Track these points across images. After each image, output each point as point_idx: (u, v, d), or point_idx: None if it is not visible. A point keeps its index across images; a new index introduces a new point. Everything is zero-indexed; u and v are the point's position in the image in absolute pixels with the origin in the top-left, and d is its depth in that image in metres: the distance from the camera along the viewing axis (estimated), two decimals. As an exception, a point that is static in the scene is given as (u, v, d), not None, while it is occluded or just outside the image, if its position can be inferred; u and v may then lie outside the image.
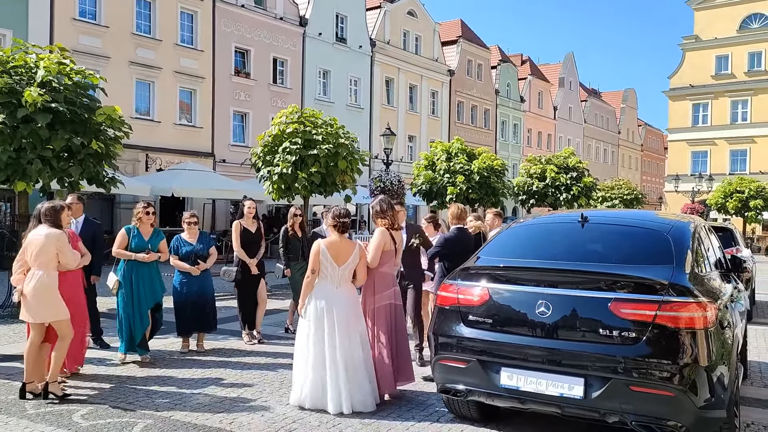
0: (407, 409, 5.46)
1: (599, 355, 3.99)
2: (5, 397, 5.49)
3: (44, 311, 5.45)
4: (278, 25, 28.81)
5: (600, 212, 6.39)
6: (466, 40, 42.04)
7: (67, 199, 7.23)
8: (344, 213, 5.65)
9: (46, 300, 5.44)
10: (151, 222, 7.15)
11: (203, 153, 25.73)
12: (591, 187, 27.55)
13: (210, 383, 6.14)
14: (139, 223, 7.02)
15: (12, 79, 9.01)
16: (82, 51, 20.78)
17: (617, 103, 65.72)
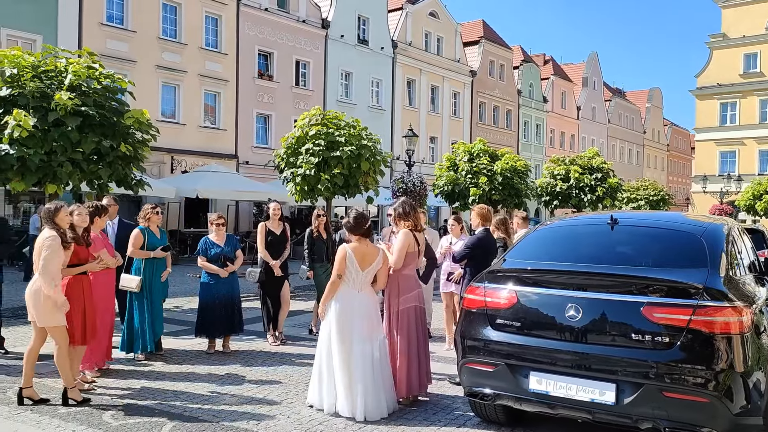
0: (433, 412, 5.44)
1: (631, 360, 3.93)
2: (37, 397, 5.58)
3: (40, 315, 5.36)
4: (301, 28, 28.96)
5: (630, 214, 6.30)
6: (488, 40, 41.83)
7: (103, 200, 7.40)
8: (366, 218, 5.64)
9: (40, 303, 5.32)
10: (158, 222, 7.41)
11: (227, 155, 25.95)
12: (616, 188, 27.17)
13: (236, 384, 6.18)
14: (148, 224, 7.26)
15: (43, 84, 9.18)
16: (109, 55, 21.08)
17: (642, 103, 64.85)
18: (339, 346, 5.26)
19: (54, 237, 5.36)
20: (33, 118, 8.75)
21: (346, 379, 5.19)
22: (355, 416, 5.12)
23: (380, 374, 5.31)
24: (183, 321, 9.35)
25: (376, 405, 5.20)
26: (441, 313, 8.72)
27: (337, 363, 5.24)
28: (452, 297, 8.12)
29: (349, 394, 5.16)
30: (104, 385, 6.01)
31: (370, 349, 5.29)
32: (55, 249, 5.31)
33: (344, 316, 5.31)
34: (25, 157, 8.75)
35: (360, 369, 5.20)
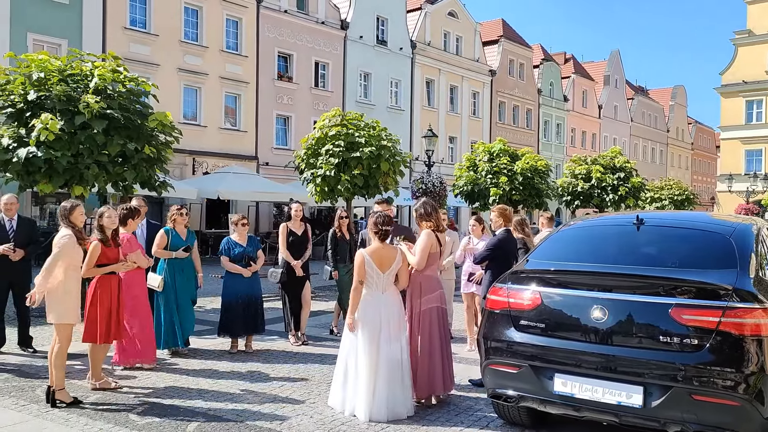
0: (455, 413, 5.43)
1: (659, 363, 3.88)
2: (65, 395, 5.66)
3: (50, 311, 5.44)
4: (320, 29, 29.07)
5: (656, 214, 6.21)
6: (508, 39, 41.61)
7: (133, 202, 7.52)
8: (386, 220, 5.62)
9: (52, 300, 5.42)
10: (185, 223, 7.52)
11: (247, 156, 26.14)
12: (639, 187, 26.83)
13: (259, 383, 6.21)
14: (174, 224, 7.39)
15: (69, 87, 9.32)
16: (132, 59, 21.36)
17: (666, 101, 63.99)
18: (366, 348, 5.24)
19: (69, 236, 5.48)
20: (60, 121, 8.89)
21: (371, 382, 5.18)
22: (379, 418, 5.11)
23: (403, 376, 5.31)
24: (205, 320, 9.44)
25: (401, 405, 5.20)
26: (462, 314, 8.69)
27: (362, 365, 5.23)
28: (473, 298, 8.09)
29: (374, 396, 5.15)
30: (129, 384, 6.09)
31: (398, 348, 5.30)
32: (67, 248, 5.43)
33: (372, 319, 5.30)
34: (53, 160, 8.90)
35: (386, 370, 5.20)
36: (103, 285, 5.85)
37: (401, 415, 5.18)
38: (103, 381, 5.89)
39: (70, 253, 5.45)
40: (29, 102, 9.19)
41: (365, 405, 5.14)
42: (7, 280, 7.34)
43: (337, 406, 5.36)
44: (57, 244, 5.45)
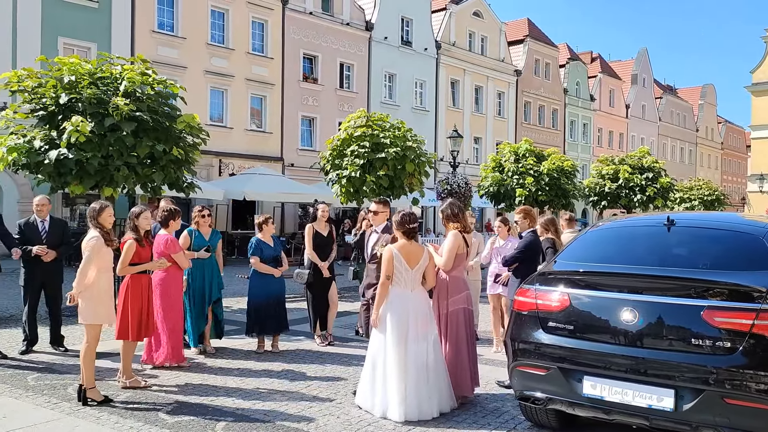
0: (482, 415, 5.40)
1: (691, 366, 3.81)
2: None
3: (81, 311, 5.53)
4: (345, 31, 29.17)
5: (687, 215, 6.11)
6: (534, 39, 41.29)
7: (162, 203, 7.67)
8: (412, 218, 5.60)
9: (82, 300, 5.51)
10: (209, 223, 7.64)
11: (273, 157, 26.34)
12: (668, 187, 26.42)
13: (286, 383, 6.26)
14: (197, 225, 7.52)
15: (99, 90, 9.49)
16: (160, 62, 21.66)
17: (695, 100, 62.86)
18: (395, 347, 5.23)
19: (97, 237, 5.57)
20: (90, 123, 9.06)
21: (402, 381, 5.17)
22: (412, 417, 5.10)
23: (434, 372, 5.29)
24: (232, 321, 9.52)
25: (429, 407, 5.19)
26: (488, 315, 8.64)
27: (391, 364, 5.22)
28: (499, 299, 8.04)
29: (403, 395, 5.14)
30: (158, 383, 6.18)
31: (425, 347, 5.28)
32: (96, 249, 5.52)
33: (400, 317, 5.29)
34: (83, 161, 9.07)
35: (414, 369, 5.19)
36: (135, 284, 6.00)
37: (428, 415, 5.17)
38: (133, 380, 5.98)
39: (99, 255, 5.55)
40: (60, 105, 9.38)
41: (398, 405, 5.12)
42: (40, 280, 7.49)
43: (366, 405, 5.36)
44: (86, 246, 5.56)
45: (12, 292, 7.52)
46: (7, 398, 5.60)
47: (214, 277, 7.51)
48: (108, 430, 4.87)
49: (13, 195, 19.45)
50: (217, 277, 7.59)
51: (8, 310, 10.05)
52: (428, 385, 5.23)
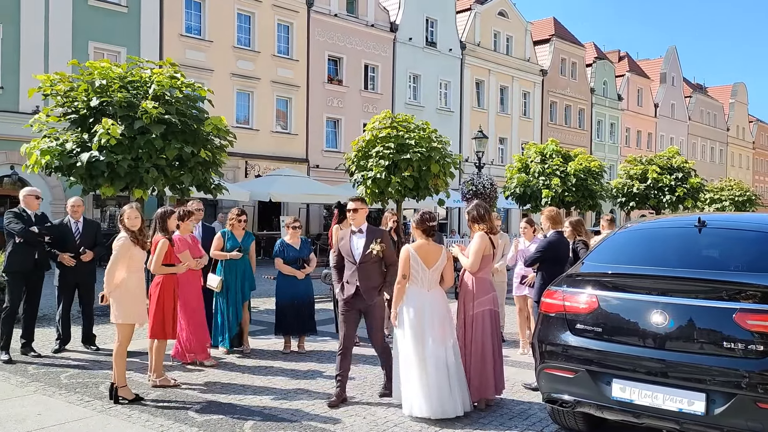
0: (509, 417, 5.37)
1: (723, 369, 3.75)
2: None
3: (115, 311, 5.64)
4: (369, 32, 29.24)
5: (719, 216, 6.00)
6: (560, 38, 40.90)
7: (191, 204, 7.80)
8: (431, 217, 5.63)
9: (114, 300, 5.62)
10: (243, 226, 7.74)
11: (298, 159, 26.51)
12: (698, 188, 25.95)
13: (312, 383, 6.30)
14: (232, 228, 7.64)
15: (129, 93, 9.66)
16: (188, 65, 21.95)
17: (725, 99, 61.62)
18: (413, 346, 5.27)
19: (125, 238, 5.71)
20: (120, 126, 9.23)
21: (422, 378, 5.20)
22: (432, 414, 5.13)
23: (455, 376, 5.30)
24: (259, 321, 9.61)
25: (451, 404, 5.20)
26: (514, 316, 8.59)
27: (412, 362, 5.26)
28: (525, 300, 7.99)
29: (426, 392, 5.17)
30: (188, 381, 6.27)
31: (443, 354, 5.28)
32: (124, 250, 5.63)
33: (417, 315, 5.32)
34: (114, 164, 9.25)
35: (434, 368, 5.21)
36: (166, 284, 6.15)
37: (449, 413, 5.19)
38: (163, 378, 6.09)
39: (127, 255, 5.66)
40: (92, 108, 9.57)
41: (423, 401, 5.17)
42: (74, 281, 7.66)
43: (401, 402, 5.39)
44: (114, 246, 5.69)
45: (45, 292, 7.68)
46: (41, 396, 5.74)
47: (246, 279, 7.63)
48: (139, 428, 4.96)
49: (46, 197, 19.86)
50: (249, 278, 7.70)
51: (42, 310, 10.27)
52: (449, 383, 5.23)
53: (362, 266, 5.62)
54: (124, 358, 5.66)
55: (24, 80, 18.91)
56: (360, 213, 5.80)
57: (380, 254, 5.61)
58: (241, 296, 7.59)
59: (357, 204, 5.86)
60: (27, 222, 7.20)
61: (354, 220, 5.80)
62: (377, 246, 5.59)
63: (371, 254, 5.59)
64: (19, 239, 7.07)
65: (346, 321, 5.76)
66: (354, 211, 5.81)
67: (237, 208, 7.85)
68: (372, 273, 5.66)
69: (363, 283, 5.62)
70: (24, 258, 7.12)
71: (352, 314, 5.75)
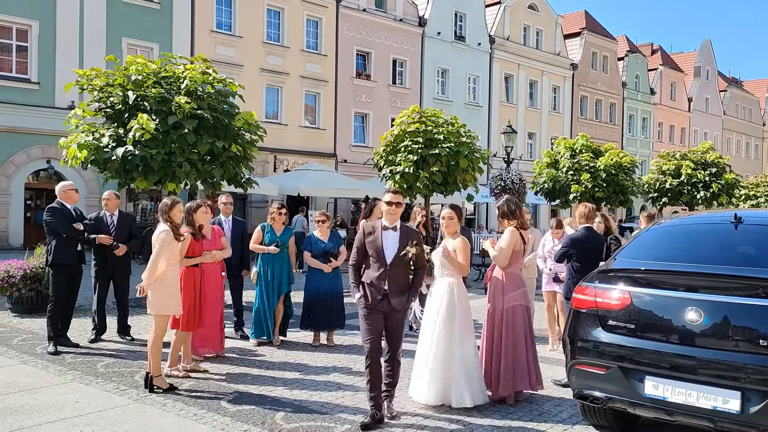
0: (538, 413, 5.36)
1: (759, 368, 3.69)
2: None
3: (151, 302, 5.74)
4: (398, 27, 29.21)
5: (756, 212, 5.87)
6: (591, 31, 40.30)
7: (221, 198, 7.94)
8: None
9: (152, 292, 5.71)
10: (283, 221, 7.79)
11: (326, 154, 26.65)
12: (733, 184, 25.39)
13: (341, 377, 6.36)
14: (272, 221, 7.70)
15: (163, 89, 9.83)
16: (219, 60, 22.21)
17: (762, 93, 60.05)
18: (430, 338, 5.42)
19: (167, 231, 5.78)
20: (154, 121, 9.40)
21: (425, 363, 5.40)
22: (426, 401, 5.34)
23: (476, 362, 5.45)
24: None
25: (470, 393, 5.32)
26: (543, 313, 8.54)
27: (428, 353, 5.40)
28: (555, 296, 7.95)
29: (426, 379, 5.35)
30: (219, 372, 6.38)
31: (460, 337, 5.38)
32: (167, 243, 5.72)
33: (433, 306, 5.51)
34: (148, 158, 9.42)
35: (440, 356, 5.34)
36: (188, 276, 6.26)
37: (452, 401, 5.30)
38: (175, 368, 6.20)
39: (168, 248, 5.76)
40: (127, 103, 9.77)
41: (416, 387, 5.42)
42: (110, 272, 7.84)
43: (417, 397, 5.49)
44: (156, 240, 5.78)
45: (82, 284, 7.87)
46: (78, 384, 5.89)
47: (284, 272, 7.69)
48: (173, 416, 5.07)
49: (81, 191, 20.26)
50: (288, 271, 7.76)
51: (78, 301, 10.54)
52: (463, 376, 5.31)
53: (393, 269, 4.97)
54: (160, 348, 5.78)
55: (60, 76, 19.36)
56: (400, 208, 5.11)
57: (414, 257, 5.05)
58: (278, 290, 7.66)
59: (398, 197, 5.13)
60: (68, 217, 7.39)
61: (393, 215, 5.07)
62: (413, 249, 4.99)
63: (405, 257, 4.99)
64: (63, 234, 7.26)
65: (372, 329, 5.00)
66: (397, 204, 5.08)
67: (278, 202, 7.95)
68: (402, 276, 5.08)
69: (394, 289, 4.97)
70: (68, 252, 7.32)
71: (378, 320, 5.01)
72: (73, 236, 7.33)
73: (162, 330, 5.79)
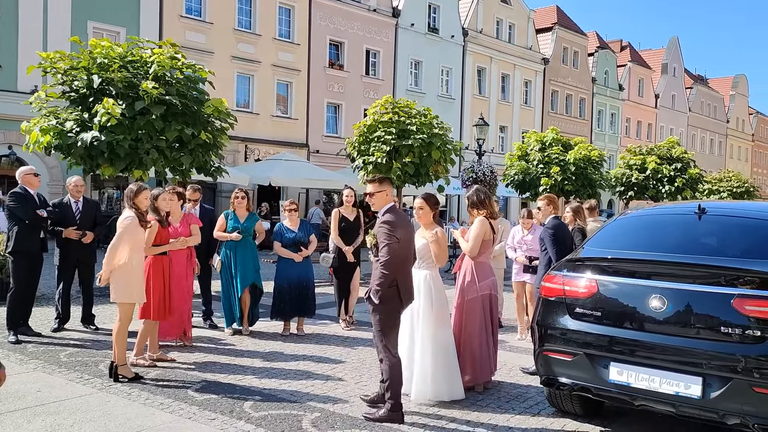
0: (506, 400, 5.42)
1: (719, 354, 3.79)
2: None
3: (114, 290, 5.65)
4: (372, 17, 29.06)
5: (718, 203, 6.02)
6: (562, 26, 40.68)
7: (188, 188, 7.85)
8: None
9: (115, 279, 5.61)
10: (246, 206, 7.68)
11: (298, 144, 26.44)
12: (697, 179, 25.96)
13: (312, 365, 6.34)
14: (234, 208, 7.63)
15: (130, 73, 9.61)
16: (188, 47, 21.76)
17: (726, 90, 61.48)
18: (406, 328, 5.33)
19: (132, 217, 5.69)
20: (121, 106, 9.19)
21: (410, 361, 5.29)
22: (428, 398, 5.20)
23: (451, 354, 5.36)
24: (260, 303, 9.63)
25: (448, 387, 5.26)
26: (512, 302, 8.63)
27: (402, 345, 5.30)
28: (524, 286, 8.04)
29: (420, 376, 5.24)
30: (186, 361, 6.30)
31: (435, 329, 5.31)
32: (130, 229, 5.63)
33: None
34: (114, 144, 9.22)
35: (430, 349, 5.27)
36: (157, 265, 6.17)
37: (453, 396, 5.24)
38: (141, 357, 6.11)
39: (132, 234, 5.66)
40: (92, 87, 9.52)
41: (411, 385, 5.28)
42: (74, 260, 7.66)
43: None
44: (120, 225, 5.67)
45: (44, 272, 7.69)
46: (40, 373, 5.76)
47: (248, 260, 7.56)
48: (138, 405, 4.99)
49: (44, 177, 19.80)
50: (253, 260, 7.63)
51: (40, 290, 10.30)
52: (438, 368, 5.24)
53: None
54: (125, 337, 5.68)
55: (22, 59, 18.80)
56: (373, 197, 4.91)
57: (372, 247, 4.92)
58: (243, 278, 7.55)
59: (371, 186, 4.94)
60: (32, 203, 7.19)
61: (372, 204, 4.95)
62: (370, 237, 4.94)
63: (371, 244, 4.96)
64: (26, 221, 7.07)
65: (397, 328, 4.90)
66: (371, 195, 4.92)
67: (238, 189, 7.81)
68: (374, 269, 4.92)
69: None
70: (30, 239, 7.13)
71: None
72: (37, 223, 7.14)
73: (127, 318, 5.69)
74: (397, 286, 4.71)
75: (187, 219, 6.99)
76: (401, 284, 4.74)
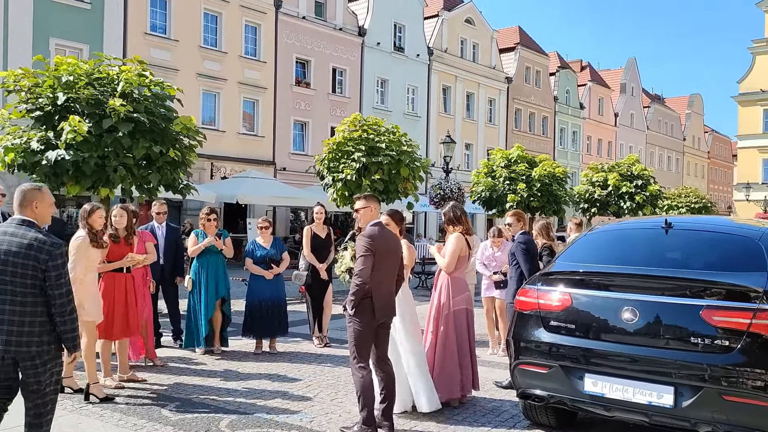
0: (482, 414, 5.47)
1: (690, 363, 3.91)
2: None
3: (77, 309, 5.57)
4: (338, 36, 29.27)
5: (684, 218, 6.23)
6: (525, 47, 41.62)
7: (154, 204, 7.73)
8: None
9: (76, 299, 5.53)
10: (215, 225, 7.68)
11: (265, 161, 26.32)
12: (657, 195, 26.71)
13: (286, 383, 6.30)
14: (203, 227, 7.59)
15: (96, 91, 9.48)
16: (153, 64, 21.55)
17: (682, 109, 63.59)
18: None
19: (83, 237, 5.62)
20: (87, 123, 9.05)
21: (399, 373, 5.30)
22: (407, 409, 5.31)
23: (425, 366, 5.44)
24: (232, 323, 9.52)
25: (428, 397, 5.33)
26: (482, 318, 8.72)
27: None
28: (493, 302, 8.15)
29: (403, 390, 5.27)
30: (159, 382, 6.19)
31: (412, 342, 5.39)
32: (82, 249, 5.56)
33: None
34: (80, 162, 9.05)
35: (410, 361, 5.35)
36: (108, 282, 6.07)
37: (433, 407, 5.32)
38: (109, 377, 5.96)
39: (84, 254, 5.59)
40: (57, 105, 9.35)
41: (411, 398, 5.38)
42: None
43: None
44: (72, 245, 5.59)
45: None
46: (7, 396, 5.58)
47: (219, 276, 7.51)
48: (111, 426, 4.88)
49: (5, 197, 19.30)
50: (224, 276, 7.58)
51: None
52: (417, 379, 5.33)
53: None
54: (93, 354, 5.58)
55: (-18, 76, 18.34)
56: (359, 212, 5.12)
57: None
58: (214, 296, 7.47)
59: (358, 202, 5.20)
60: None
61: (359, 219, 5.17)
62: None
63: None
64: None
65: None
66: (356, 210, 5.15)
67: (207, 207, 7.76)
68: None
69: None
70: None
71: None
72: None
73: (92, 335, 5.63)
74: (371, 299, 4.73)
75: (142, 237, 6.88)
76: (376, 297, 4.76)
